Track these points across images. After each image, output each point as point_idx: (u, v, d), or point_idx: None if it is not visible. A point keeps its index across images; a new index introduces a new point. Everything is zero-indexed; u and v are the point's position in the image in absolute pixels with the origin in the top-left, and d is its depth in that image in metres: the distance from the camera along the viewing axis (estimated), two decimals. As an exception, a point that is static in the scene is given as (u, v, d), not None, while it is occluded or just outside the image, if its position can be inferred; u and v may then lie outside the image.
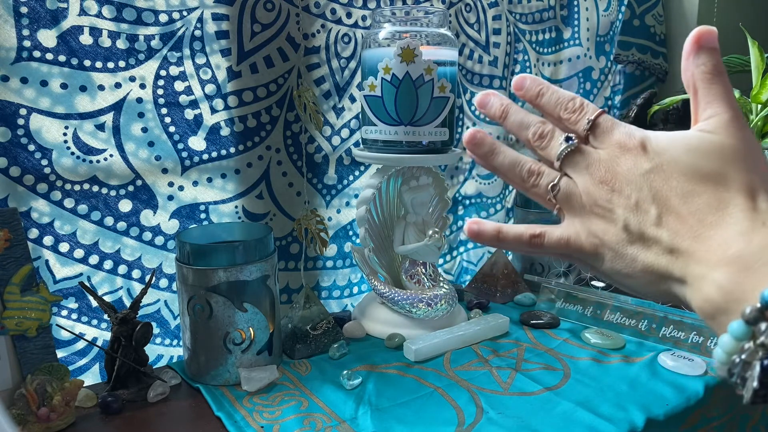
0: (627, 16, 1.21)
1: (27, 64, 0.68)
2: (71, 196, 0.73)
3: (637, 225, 0.34)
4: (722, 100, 0.33)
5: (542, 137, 0.37)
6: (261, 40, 0.83)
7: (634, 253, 0.34)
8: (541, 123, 0.38)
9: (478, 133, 0.39)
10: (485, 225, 0.38)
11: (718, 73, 0.34)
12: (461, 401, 0.65)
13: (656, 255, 0.33)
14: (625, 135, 0.35)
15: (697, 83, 0.34)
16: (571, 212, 0.37)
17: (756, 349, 0.27)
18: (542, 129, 0.37)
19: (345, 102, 0.93)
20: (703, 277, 0.31)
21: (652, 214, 0.33)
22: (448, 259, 1.14)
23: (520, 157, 0.38)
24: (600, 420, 0.61)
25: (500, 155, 0.39)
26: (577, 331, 0.84)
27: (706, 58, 0.34)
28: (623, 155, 0.35)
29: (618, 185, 0.34)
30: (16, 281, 0.62)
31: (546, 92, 0.38)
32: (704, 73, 0.34)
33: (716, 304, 0.30)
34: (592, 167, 0.35)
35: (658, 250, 0.33)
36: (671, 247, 0.33)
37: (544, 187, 0.37)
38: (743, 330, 0.28)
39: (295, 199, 0.91)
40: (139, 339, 0.66)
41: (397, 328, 0.81)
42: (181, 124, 0.79)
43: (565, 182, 0.36)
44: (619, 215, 0.34)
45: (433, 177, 0.85)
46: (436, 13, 0.81)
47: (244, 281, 0.68)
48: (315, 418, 0.62)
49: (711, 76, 0.34)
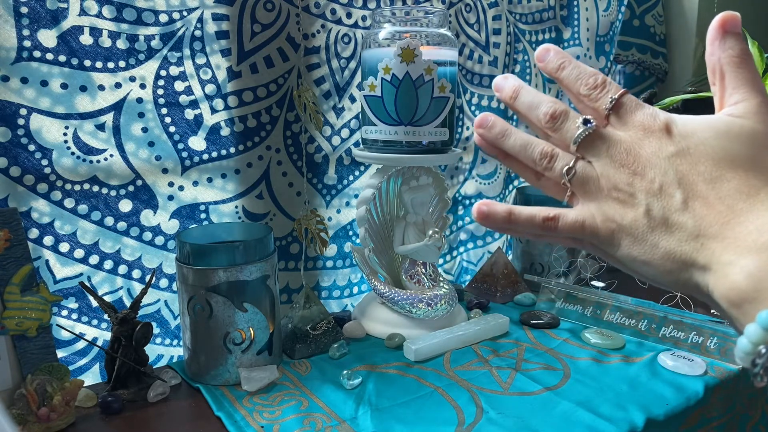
0: (627, 16, 1.21)
1: (27, 64, 0.68)
2: (71, 196, 0.73)
3: (661, 210, 0.32)
4: (750, 85, 0.33)
5: (555, 118, 0.36)
6: (261, 40, 0.83)
7: (655, 239, 0.33)
8: (552, 102, 0.36)
9: (490, 115, 0.38)
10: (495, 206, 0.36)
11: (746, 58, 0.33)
12: (461, 401, 0.66)
13: (679, 241, 0.32)
14: (649, 116, 0.34)
15: (724, 67, 0.33)
16: (586, 197, 0.35)
17: None
18: (554, 108, 0.36)
19: (345, 102, 0.93)
20: (731, 263, 0.30)
21: (678, 199, 0.32)
22: (448, 259, 1.14)
23: (532, 139, 0.37)
24: (600, 420, 0.61)
25: (512, 137, 0.37)
26: (577, 331, 0.84)
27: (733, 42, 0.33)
28: (647, 137, 0.33)
29: (640, 168, 0.33)
30: (16, 281, 0.62)
31: (567, 66, 0.36)
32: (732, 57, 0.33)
33: (744, 292, 0.29)
34: (613, 149, 0.34)
35: (682, 236, 0.32)
36: (697, 233, 0.31)
37: (558, 171, 0.36)
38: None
39: (295, 199, 0.91)
40: (139, 339, 0.66)
41: (397, 328, 0.81)
42: (181, 124, 0.79)
43: (582, 165, 0.35)
44: (640, 200, 0.33)
45: (433, 177, 0.85)
46: (436, 13, 0.81)
47: (244, 281, 0.68)
48: (315, 418, 0.62)
49: (739, 60, 0.33)
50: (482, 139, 0.38)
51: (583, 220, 0.35)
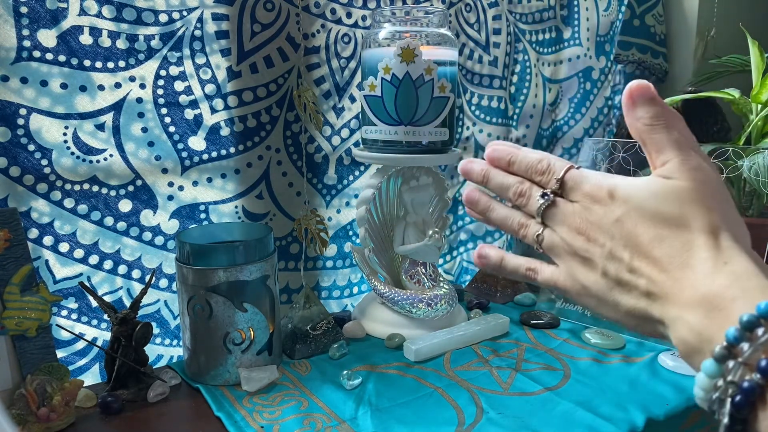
0: (627, 16, 1.21)
1: (27, 64, 0.68)
2: (71, 196, 0.73)
3: (614, 271, 0.35)
4: (670, 145, 0.35)
5: (521, 195, 0.40)
6: (261, 40, 0.83)
7: (615, 299, 0.36)
8: (518, 183, 0.40)
9: (474, 193, 0.43)
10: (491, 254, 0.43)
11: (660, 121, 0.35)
12: (461, 401, 0.65)
13: (635, 299, 0.35)
14: (594, 186, 0.37)
15: (642, 135, 0.36)
16: (557, 258, 0.39)
17: (726, 387, 0.29)
18: (520, 188, 0.40)
19: (345, 102, 0.93)
20: (677, 318, 0.33)
21: (626, 260, 0.35)
22: (448, 259, 1.14)
23: (510, 212, 0.42)
24: (600, 420, 0.61)
25: (494, 212, 0.42)
26: (577, 331, 0.84)
27: (643, 111, 0.35)
28: (594, 205, 0.37)
29: (593, 234, 0.36)
30: (16, 281, 0.62)
31: (515, 161, 0.41)
32: (645, 125, 0.35)
33: (691, 345, 0.32)
34: (568, 219, 0.38)
35: (637, 295, 0.35)
36: (647, 291, 0.34)
37: (531, 237, 0.40)
38: (714, 368, 0.29)
39: (295, 199, 0.91)
40: (139, 339, 0.66)
41: (397, 328, 0.81)
42: (181, 124, 0.79)
43: (548, 233, 0.39)
44: (597, 263, 0.36)
45: (433, 177, 0.85)
46: (436, 13, 0.81)
47: (244, 281, 0.68)
48: (315, 418, 0.62)
49: (652, 127, 0.35)
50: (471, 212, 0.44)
51: (556, 279, 0.39)
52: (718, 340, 0.30)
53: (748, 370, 0.28)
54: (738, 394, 0.28)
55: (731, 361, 0.29)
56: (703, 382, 0.30)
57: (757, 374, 0.28)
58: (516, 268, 0.42)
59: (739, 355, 0.28)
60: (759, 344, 0.28)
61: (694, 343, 0.31)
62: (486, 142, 1.12)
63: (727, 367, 0.29)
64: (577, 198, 0.38)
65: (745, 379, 0.28)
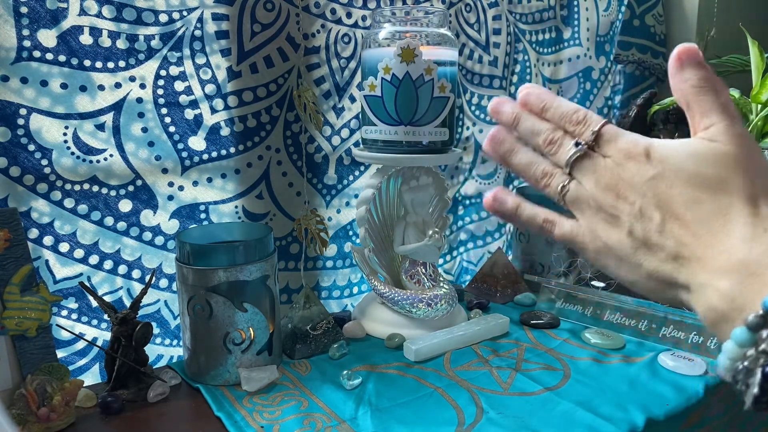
0: (627, 16, 1.21)
1: (27, 64, 0.68)
2: (71, 196, 0.73)
3: (642, 231, 0.34)
4: (716, 109, 0.34)
5: (552, 143, 0.38)
6: (261, 40, 0.83)
7: (638, 259, 0.35)
8: (550, 129, 0.39)
9: (500, 132, 0.40)
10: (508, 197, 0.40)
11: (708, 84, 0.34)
12: (461, 401, 0.65)
13: (660, 261, 0.34)
14: (630, 143, 0.36)
15: (687, 97, 0.35)
16: (579, 213, 0.38)
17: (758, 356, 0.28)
18: (552, 135, 0.38)
19: (345, 102, 0.93)
20: (706, 284, 0.31)
21: (656, 221, 0.34)
22: (448, 259, 1.14)
23: (535, 158, 0.39)
24: (600, 420, 0.61)
25: (518, 154, 0.40)
26: (577, 331, 0.84)
27: (691, 73, 0.35)
28: (628, 162, 0.35)
29: (623, 191, 0.35)
30: (16, 281, 0.62)
31: (550, 107, 0.39)
32: (692, 87, 0.35)
33: (720, 312, 0.31)
34: (599, 173, 0.36)
35: (663, 257, 0.34)
36: (675, 254, 0.33)
37: (554, 188, 0.38)
38: (746, 337, 0.28)
39: (295, 199, 0.91)
40: (139, 339, 0.66)
41: (397, 328, 0.81)
42: (181, 124, 0.79)
43: (575, 185, 0.37)
44: (624, 221, 0.35)
45: (433, 177, 0.85)
46: (436, 13, 0.81)
47: (244, 281, 0.68)
48: (315, 418, 0.62)
49: (699, 89, 0.34)
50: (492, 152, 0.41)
51: (576, 234, 0.38)
52: (752, 308, 0.29)
53: None
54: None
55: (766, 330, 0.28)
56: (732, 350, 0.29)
57: None
58: (532, 217, 0.39)
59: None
60: None
61: (725, 309, 0.30)
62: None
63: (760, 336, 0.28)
64: (610, 153, 0.36)
65: None
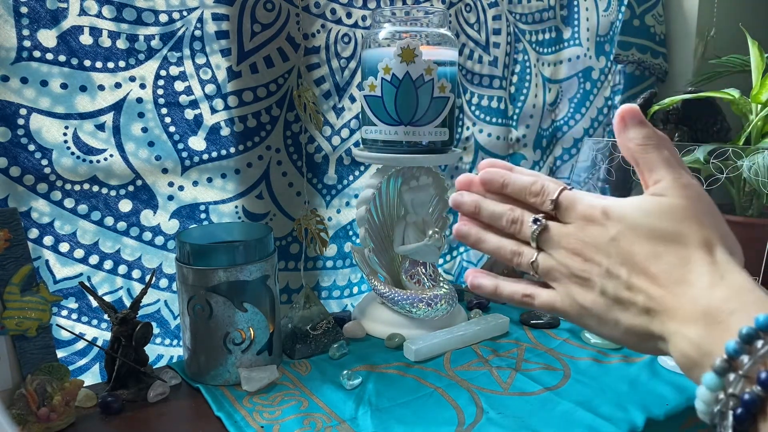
0: (627, 16, 1.21)
1: (27, 64, 0.68)
2: (71, 196, 0.73)
3: (613, 289, 0.36)
4: (662, 164, 0.36)
5: (514, 222, 0.41)
6: (261, 40, 0.83)
7: (615, 317, 0.36)
8: (510, 210, 0.41)
9: (463, 228, 0.43)
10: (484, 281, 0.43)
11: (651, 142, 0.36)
12: (461, 401, 0.65)
13: (634, 316, 0.35)
14: (588, 207, 0.37)
15: (634, 155, 0.37)
16: (553, 282, 0.39)
17: (728, 399, 0.29)
18: (512, 216, 0.41)
19: (345, 102, 0.93)
20: (677, 333, 0.33)
21: (624, 277, 0.35)
22: (448, 259, 1.14)
23: (501, 242, 0.42)
24: (600, 420, 0.61)
25: (485, 243, 0.43)
26: (577, 331, 0.84)
27: (634, 132, 0.37)
28: (589, 226, 0.37)
29: (589, 254, 0.37)
30: (16, 281, 0.62)
31: (509, 183, 0.41)
32: (637, 146, 0.37)
33: (691, 359, 0.32)
34: (563, 241, 0.38)
35: (635, 311, 0.35)
36: (646, 307, 0.35)
37: (526, 264, 0.40)
38: (715, 382, 0.30)
39: (295, 199, 0.91)
40: (139, 339, 0.66)
41: (397, 328, 0.81)
42: (181, 124, 0.79)
43: (543, 258, 0.39)
44: (595, 282, 0.37)
45: (433, 177, 0.85)
46: (436, 13, 0.81)
47: (244, 281, 0.68)
48: (315, 418, 0.62)
49: (644, 147, 0.37)
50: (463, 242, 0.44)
51: (553, 303, 0.39)
52: (717, 353, 0.30)
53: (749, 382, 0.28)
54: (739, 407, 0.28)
55: (732, 373, 0.29)
56: (704, 395, 0.30)
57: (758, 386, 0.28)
58: (511, 295, 0.42)
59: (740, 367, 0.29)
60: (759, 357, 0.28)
61: (695, 356, 0.32)
62: (486, 142, 1.12)
63: (727, 380, 0.29)
64: (571, 219, 0.38)
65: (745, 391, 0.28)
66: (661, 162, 0.36)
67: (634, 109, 0.37)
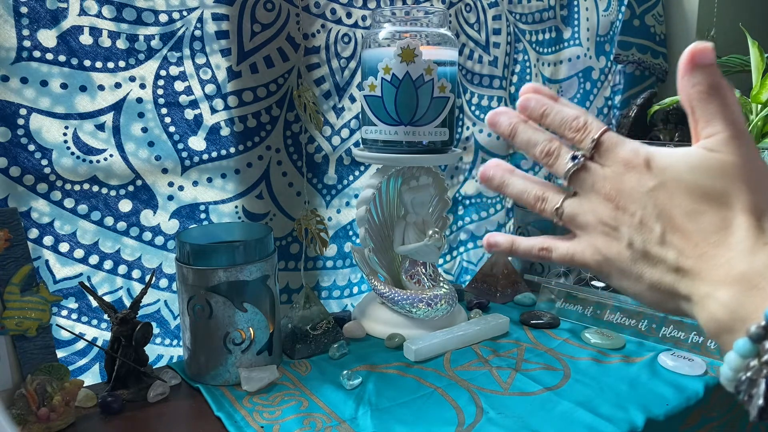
0: (627, 16, 1.21)
1: (27, 64, 0.68)
2: (71, 196, 0.73)
3: (642, 243, 0.34)
4: (721, 117, 0.33)
5: (549, 155, 0.38)
6: (261, 40, 0.83)
7: (639, 271, 0.34)
8: (547, 141, 0.38)
9: (488, 170, 0.40)
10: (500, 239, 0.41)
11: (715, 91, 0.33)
12: (461, 401, 0.65)
13: (662, 273, 0.34)
14: (630, 152, 0.35)
15: (693, 103, 0.34)
16: (577, 229, 0.37)
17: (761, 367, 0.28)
18: (549, 147, 0.38)
19: (345, 102, 0.93)
20: (708, 295, 0.31)
21: (657, 232, 0.33)
22: (448, 259, 1.14)
23: (526, 186, 0.39)
24: (600, 420, 0.61)
25: (509, 186, 0.40)
26: (577, 331, 0.84)
27: (701, 77, 0.33)
28: (628, 172, 0.35)
29: (622, 203, 0.34)
30: (16, 281, 0.62)
31: (550, 112, 0.38)
32: (700, 93, 0.33)
33: (721, 323, 0.31)
34: (598, 185, 0.36)
35: (664, 269, 0.33)
36: (676, 266, 0.33)
37: (549, 211, 0.38)
38: (748, 348, 0.28)
39: (295, 199, 0.91)
40: (139, 339, 0.66)
41: (397, 328, 0.81)
42: (181, 124, 0.79)
43: (569, 204, 0.37)
44: (623, 233, 0.34)
45: (433, 177, 0.85)
46: (436, 13, 0.81)
47: (244, 281, 0.68)
48: (315, 418, 0.62)
49: (707, 95, 0.33)
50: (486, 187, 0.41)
51: (573, 253, 0.37)
52: (754, 318, 0.29)
53: None
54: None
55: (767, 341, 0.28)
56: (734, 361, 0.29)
57: None
58: (528, 249, 0.40)
59: None
60: None
61: (726, 320, 0.30)
62: (486, 142, 1.12)
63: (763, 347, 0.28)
64: (609, 163, 0.35)
65: None
66: (722, 115, 0.33)
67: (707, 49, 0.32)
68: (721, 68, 1.05)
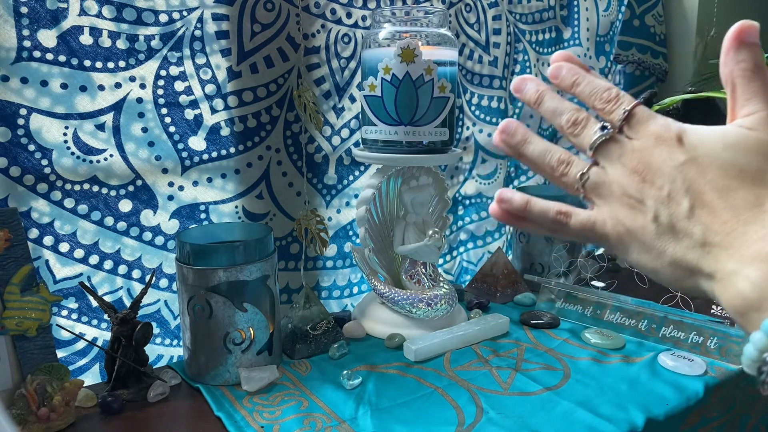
0: (627, 16, 1.21)
1: (27, 64, 0.68)
2: (71, 196, 0.73)
3: (668, 217, 0.33)
4: (762, 96, 0.33)
5: (576, 124, 0.37)
6: (261, 40, 0.83)
7: (662, 246, 0.33)
8: (575, 110, 0.37)
9: (512, 123, 0.38)
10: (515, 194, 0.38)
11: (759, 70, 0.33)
12: (461, 401, 0.65)
13: (686, 249, 0.33)
14: (661, 126, 0.34)
15: (735, 80, 0.33)
16: (600, 199, 0.36)
17: None
18: (576, 116, 0.37)
19: (345, 102, 0.93)
20: (735, 273, 0.31)
21: (684, 207, 0.33)
22: (448, 259, 1.14)
23: (550, 146, 0.38)
24: (600, 420, 0.61)
25: (531, 144, 0.38)
26: (577, 331, 0.84)
27: (746, 54, 0.33)
28: (658, 146, 0.34)
29: (650, 176, 0.34)
30: (16, 281, 0.62)
31: (581, 81, 0.37)
32: (744, 70, 0.33)
33: (749, 301, 0.30)
34: (625, 157, 0.35)
35: (689, 244, 0.33)
36: (703, 241, 0.32)
37: (573, 176, 0.37)
38: None
39: (295, 199, 0.91)
40: (139, 339, 0.66)
41: (397, 328, 0.81)
42: (181, 124, 0.79)
43: (595, 171, 0.36)
44: (649, 206, 0.34)
45: (433, 177, 0.85)
46: (436, 13, 0.81)
47: (244, 281, 0.68)
48: (315, 418, 0.62)
49: (751, 73, 0.33)
50: (504, 144, 0.39)
51: (594, 222, 0.36)
52: None
53: None
54: None
55: None
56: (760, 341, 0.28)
57: None
58: (545, 210, 0.37)
59: None
60: None
61: (754, 299, 0.29)
62: (486, 142, 1.12)
63: None
64: (639, 136, 0.35)
65: None
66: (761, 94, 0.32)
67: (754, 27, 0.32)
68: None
